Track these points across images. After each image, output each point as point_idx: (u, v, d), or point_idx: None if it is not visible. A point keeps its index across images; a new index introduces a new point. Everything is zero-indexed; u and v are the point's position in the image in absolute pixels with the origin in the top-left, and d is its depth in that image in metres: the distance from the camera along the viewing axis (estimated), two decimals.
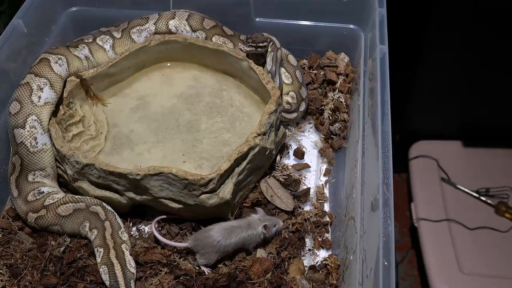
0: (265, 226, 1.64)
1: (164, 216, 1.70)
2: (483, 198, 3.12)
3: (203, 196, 1.60)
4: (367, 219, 1.52)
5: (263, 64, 1.99)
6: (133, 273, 1.56)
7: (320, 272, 1.66)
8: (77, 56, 1.91)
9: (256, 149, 1.67)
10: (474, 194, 3.13)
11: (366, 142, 1.72)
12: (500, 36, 2.86)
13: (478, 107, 3.24)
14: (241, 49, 1.91)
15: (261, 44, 1.95)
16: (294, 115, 2.01)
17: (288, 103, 2.06)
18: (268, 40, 1.99)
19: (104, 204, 1.70)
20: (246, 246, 1.65)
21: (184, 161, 1.79)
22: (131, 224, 1.76)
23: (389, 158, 1.52)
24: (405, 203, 3.37)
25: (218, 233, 1.60)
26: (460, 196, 3.14)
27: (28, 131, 1.71)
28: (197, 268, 1.62)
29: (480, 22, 2.81)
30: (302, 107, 2.03)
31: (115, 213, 1.70)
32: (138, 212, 1.77)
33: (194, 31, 2.04)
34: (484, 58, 2.97)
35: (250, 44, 1.93)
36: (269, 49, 2.00)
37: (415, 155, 3.31)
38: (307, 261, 1.70)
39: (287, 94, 2.07)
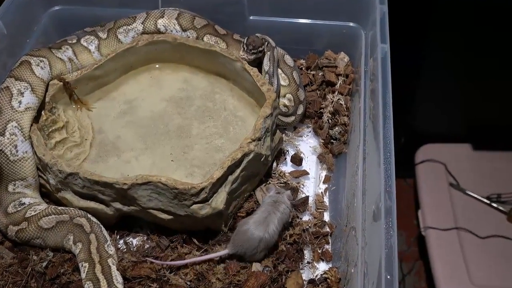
0: (287, 195, 1.73)
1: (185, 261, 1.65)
2: (495, 205, 3.12)
3: (194, 206, 1.60)
4: (368, 230, 1.52)
5: (257, 65, 2.00)
6: None
7: (320, 286, 1.66)
8: (60, 58, 1.92)
9: (251, 156, 1.68)
10: (485, 200, 3.14)
11: (367, 147, 1.72)
12: (510, 34, 2.88)
13: (488, 108, 3.24)
14: (244, 59, 1.91)
15: (260, 49, 1.96)
16: (292, 118, 2.02)
17: (285, 106, 2.07)
18: (263, 40, 1.99)
19: (89, 215, 1.70)
20: (286, 224, 1.71)
21: (174, 169, 1.79)
22: (118, 237, 1.76)
23: (392, 164, 1.53)
24: (412, 210, 3.38)
25: (258, 231, 1.62)
26: (470, 202, 3.14)
27: (8, 138, 1.71)
28: (188, 283, 1.62)
29: (487, 19, 2.83)
30: (300, 110, 2.03)
31: (101, 225, 1.69)
32: (125, 223, 1.76)
33: (184, 30, 2.04)
34: (493, 57, 2.98)
35: (253, 51, 1.94)
36: (265, 49, 2.00)
37: (422, 159, 3.32)
38: (306, 275, 1.70)
39: (284, 96, 2.08)
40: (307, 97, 2.10)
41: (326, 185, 1.95)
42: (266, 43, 2.01)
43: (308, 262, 1.73)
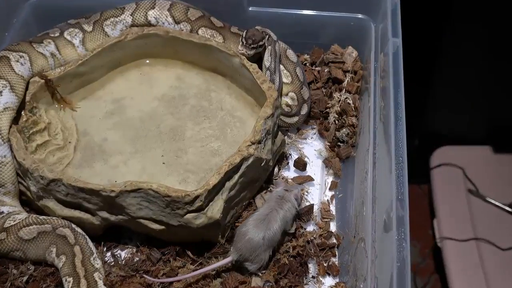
0: (295, 194, 1.77)
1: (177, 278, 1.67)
2: None
3: (188, 215, 1.61)
4: (379, 241, 1.54)
5: (257, 61, 2.01)
6: None
7: None
8: (42, 53, 1.93)
9: (250, 160, 1.69)
10: (507, 208, 3.15)
11: (377, 150, 1.74)
12: None
13: (510, 107, 3.25)
14: (243, 54, 1.92)
15: (261, 43, 1.98)
16: (295, 119, 2.03)
17: (287, 105, 2.08)
18: (264, 33, 2.01)
19: (74, 225, 1.71)
20: (287, 227, 1.74)
21: (166, 175, 1.81)
22: (105, 249, 1.77)
23: (404, 169, 1.54)
24: (427, 219, 3.39)
25: (258, 230, 1.65)
26: (490, 210, 3.15)
27: None
28: None
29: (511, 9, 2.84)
30: (304, 110, 2.05)
31: (86, 236, 1.71)
32: (113, 234, 1.78)
33: (177, 22, 2.06)
34: None
35: (252, 46, 1.95)
36: (266, 43, 2.02)
37: (438, 163, 3.33)
38: None
39: (286, 95, 2.09)
40: (311, 95, 2.11)
41: (333, 192, 1.96)
42: (267, 36, 2.02)
43: (313, 277, 1.74)
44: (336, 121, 2.08)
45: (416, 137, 3.47)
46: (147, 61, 2.08)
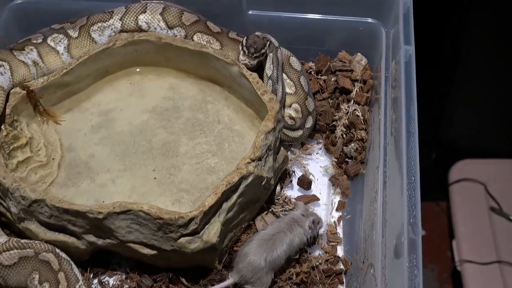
0: (313, 221, 1.78)
1: None
2: None
3: (182, 239, 1.63)
4: (389, 268, 1.56)
5: (258, 69, 2.03)
6: None
7: None
8: (23, 62, 1.97)
9: (250, 179, 1.72)
10: None
11: (388, 168, 1.76)
12: None
13: None
14: (245, 64, 1.94)
15: (263, 51, 2.00)
16: (299, 133, 2.06)
17: (291, 117, 2.11)
18: (265, 39, 2.04)
19: (58, 250, 1.73)
20: (292, 252, 1.77)
21: (158, 195, 1.84)
22: (91, 276, 1.79)
23: (417, 190, 1.56)
24: (445, 240, 3.40)
25: (261, 251, 1.69)
26: None
27: None
28: None
29: None
30: (309, 123, 2.07)
31: (72, 262, 1.72)
32: (100, 260, 1.81)
33: (170, 28, 2.09)
34: None
35: (255, 55, 1.97)
36: (267, 50, 2.04)
37: (457, 178, 3.34)
38: None
39: (290, 106, 2.12)
40: (317, 107, 2.14)
41: (340, 213, 1.99)
42: (268, 43, 2.05)
43: None
44: (344, 135, 2.11)
45: (433, 149, 3.48)
46: (138, 70, 2.11)
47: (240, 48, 2.00)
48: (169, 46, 2.01)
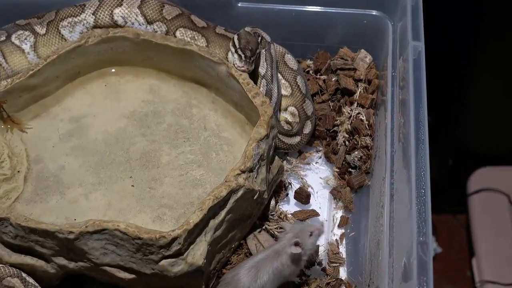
0: (295, 243, 1.73)
1: None
2: None
3: (164, 262, 1.63)
4: None
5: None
6: None
7: None
8: None
9: (240, 193, 1.72)
10: None
11: (396, 179, 1.77)
12: None
13: None
14: (244, 71, 1.93)
15: (258, 51, 2.01)
16: (296, 139, 2.07)
17: (287, 122, 2.12)
18: (256, 35, 2.05)
19: (24, 274, 1.73)
20: (288, 278, 1.77)
21: (137, 211, 1.85)
22: None
23: (427, 204, 1.57)
24: (464, 258, 3.41)
25: (245, 278, 1.70)
26: None
27: None
28: None
29: None
30: (307, 128, 2.09)
31: None
32: (72, 285, 1.81)
33: (150, 23, 2.11)
34: None
35: (252, 58, 1.96)
36: (260, 48, 2.05)
37: (477, 188, 3.35)
38: None
39: (286, 110, 2.14)
40: (316, 110, 2.15)
41: (343, 230, 2.01)
42: (260, 38, 2.06)
43: None
44: (346, 142, 2.12)
45: (449, 156, 3.48)
46: (113, 70, 2.13)
47: (233, 50, 1.99)
48: (148, 43, 2.02)
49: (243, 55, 1.95)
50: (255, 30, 2.07)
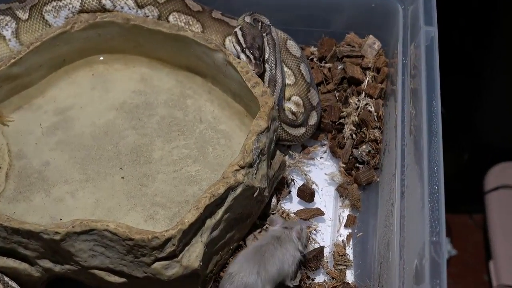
0: (301, 230, 1.79)
1: None
2: None
3: (157, 264, 1.64)
4: None
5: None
6: None
7: None
8: None
9: (239, 190, 1.73)
10: None
11: (406, 175, 1.78)
12: None
13: None
14: (257, 73, 1.93)
15: (264, 46, 2.02)
16: (301, 130, 2.08)
17: (291, 112, 2.13)
18: (256, 22, 2.05)
19: (6, 278, 1.74)
20: (284, 274, 1.77)
21: (128, 210, 1.86)
22: None
23: (440, 202, 1.58)
24: (481, 261, 3.41)
25: (250, 265, 1.71)
26: None
27: None
28: None
29: None
30: (313, 119, 2.10)
31: None
32: None
33: (140, 7, 2.12)
34: None
35: (261, 57, 1.98)
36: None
37: (494, 185, 3.36)
38: None
39: (289, 99, 2.14)
40: (320, 101, 2.15)
41: (350, 231, 2.02)
42: (259, 24, 2.07)
43: None
44: (354, 135, 2.13)
45: (465, 151, 3.48)
46: (101, 58, 2.14)
47: (239, 49, 2.00)
48: (139, 29, 2.02)
49: (252, 57, 1.97)
50: (254, 17, 2.08)
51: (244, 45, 1.99)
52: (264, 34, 2.07)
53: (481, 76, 3.27)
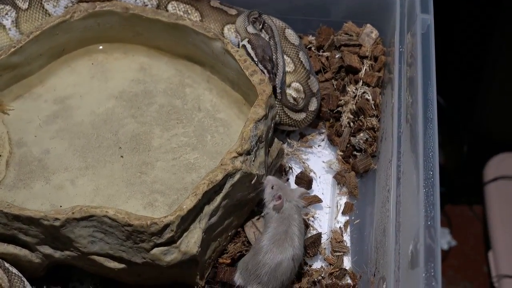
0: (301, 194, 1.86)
1: None
2: None
3: (156, 250, 1.67)
4: (403, 280, 1.60)
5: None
6: None
7: None
8: None
9: (237, 177, 1.75)
10: None
11: (403, 162, 1.80)
12: None
13: None
14: (275, 86, 1.96)
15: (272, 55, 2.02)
16: (302, 115, 2.09)
17: (292, 98, 2.15)
18: (254, 24, 2.06)
19: (7, 264, 1.76)
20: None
21: (127, 197, 1.89)
22: None
23: (435, 187, 1.60)
24: (480, 252, 3.44)
25: (282, 248, 1.75)
26: None
27: None
28: None
29: None
30: (313, 105, 2.11)
31: (24, 279, 1.76)
32: (58, 275, 1.85)
33: None
34: None
35: (274, 68, 1.99)
36: (257, 20, 2.08)
37: (494, 176, 3.37)
38: None
39: (289, 86, 2.16)
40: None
41: (347, 218, 2.04)
42: (260, 25, 2.08)
43: None
44: (351, 123, 2.16)
45: (464, 141, 3.48)
46: (101, 48, 2.16)
47: (253, 63, 1.96)
48: (138, 18, 2.04)
49: (265, 70, 1.97)
50: (252, 16, 2.08)
51: (256, 59, 1.99)
52: (264, 21, 2.08)
53: (481, 68, 3.27)
